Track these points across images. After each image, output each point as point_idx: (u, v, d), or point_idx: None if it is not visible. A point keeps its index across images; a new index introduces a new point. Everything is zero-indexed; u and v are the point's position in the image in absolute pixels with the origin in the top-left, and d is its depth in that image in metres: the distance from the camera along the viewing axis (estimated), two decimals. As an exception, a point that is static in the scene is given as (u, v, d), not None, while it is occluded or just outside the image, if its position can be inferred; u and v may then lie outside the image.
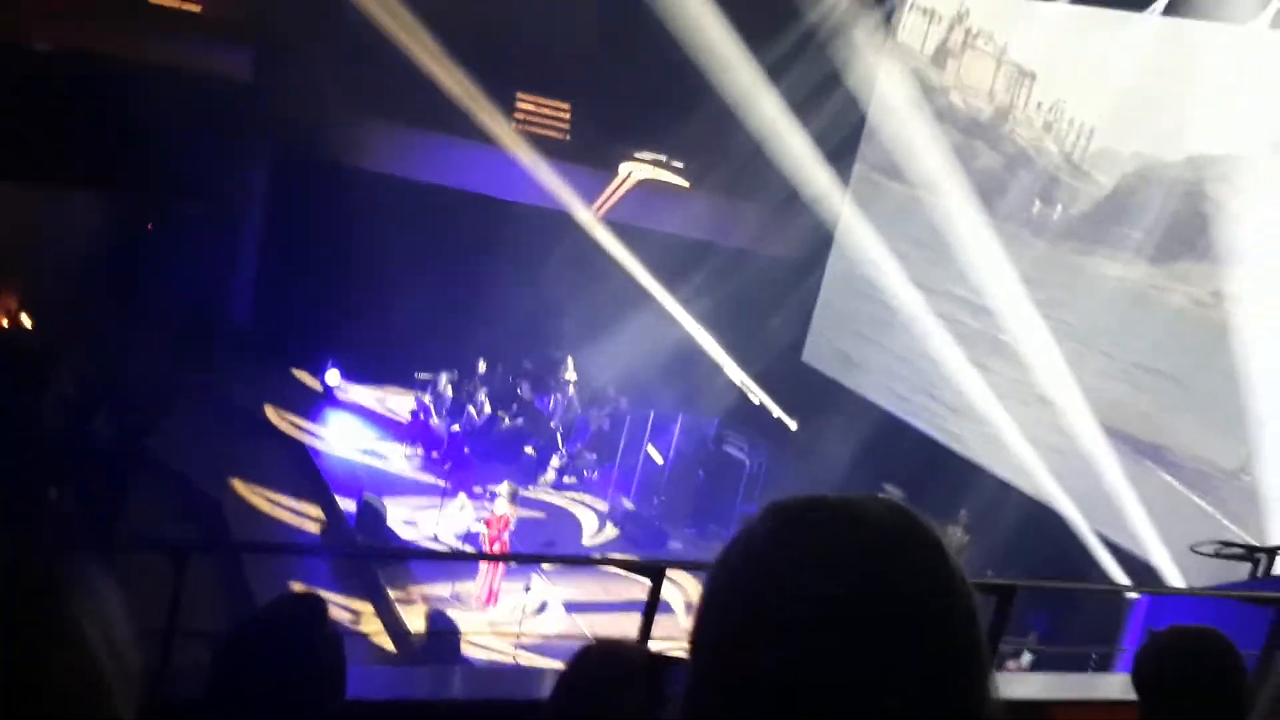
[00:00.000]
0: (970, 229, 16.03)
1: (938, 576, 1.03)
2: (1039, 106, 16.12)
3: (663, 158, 19.14)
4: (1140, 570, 13.39)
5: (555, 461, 17.30)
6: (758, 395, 18.76)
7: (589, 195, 18.86)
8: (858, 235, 17.95)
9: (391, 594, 12.89)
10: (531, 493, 16.41)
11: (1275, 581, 8.46)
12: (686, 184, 19.21)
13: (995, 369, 15.98)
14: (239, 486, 14.79)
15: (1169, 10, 14.40)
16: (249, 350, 17.63)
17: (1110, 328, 14.62)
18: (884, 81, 17.90)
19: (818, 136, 17.55)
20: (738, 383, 18.86)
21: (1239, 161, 13.11)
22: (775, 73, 17.17)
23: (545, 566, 13.65)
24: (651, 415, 17.45)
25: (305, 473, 15.79)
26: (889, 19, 18.16)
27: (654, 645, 4.28)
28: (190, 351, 16.68)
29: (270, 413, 17.16)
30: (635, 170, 19.19)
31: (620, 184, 19.05)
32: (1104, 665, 10.48)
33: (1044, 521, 14.49)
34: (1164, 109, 14.10)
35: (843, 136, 18.10)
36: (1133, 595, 10.84)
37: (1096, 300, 14.80)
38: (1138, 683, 2.72)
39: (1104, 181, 15.06)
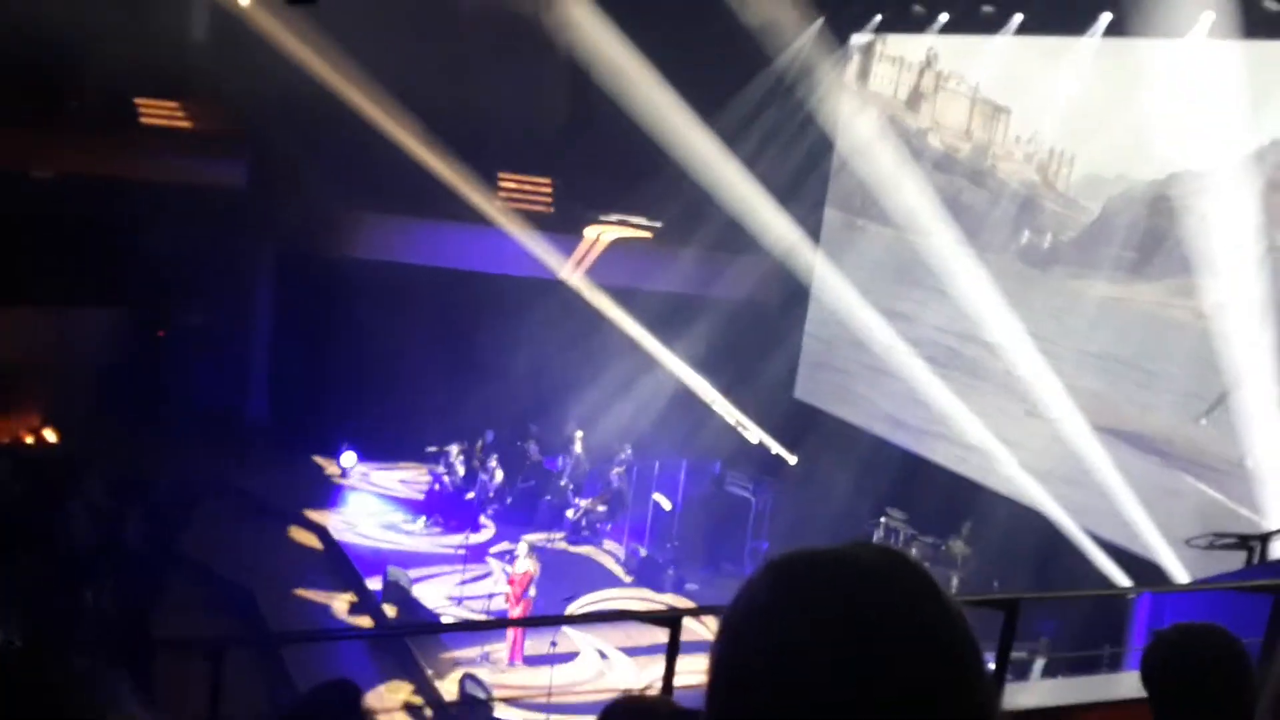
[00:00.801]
0: (953, 261, 16.45)
1: (928, 611, 1.06)
2: (1017, 140, 16.48)
3: (629, 218, 19.73)
4: (1140, 565, 13.82)
5: (570, 514, 17.87)
6: (756, 434, 19.27)
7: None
8: (837, 274, 18.54)
9: (423, 663, 13.40)
10: (550, 547, 16.99)
11: (1271, 567, 8.85)
12: (649, 234, 19.75)
13: (985, 389, 16.46)
14: (271, 577, 15.34)
15: (1109, 31, 14.96)
16: (267, 441, 18.24)
17: (1104, 343, 15.03)
18: (852, 127, 18.48)
19: (791, 185, 18.25)
20: (735, 424, 19.37)
21: (1210, 175, 13.39)
22: (745, 129, 17.90)
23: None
24: (657, 464, 17.99)
25: (331, 555, 16.36)
26: (847, 65, 18.79)
27: (688, 687, 4.74)
28: (212, 449, 17.33)
29: (292, 500, 17.74)
30: (603, 232, 19.78)
31: (591, 246, 19.63)
32: (1115, 663, 10.87)
33: (1044, 529, 14.93)
34: (1133, 129, 14.44)
35: (817, 183, 18.82)
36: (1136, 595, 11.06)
37: (1090, 319, 15.19)
38: (1147, 683, 2.78)
39: (1091, 206, 15.40)
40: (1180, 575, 13.13)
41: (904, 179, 17.19)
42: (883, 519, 16.60)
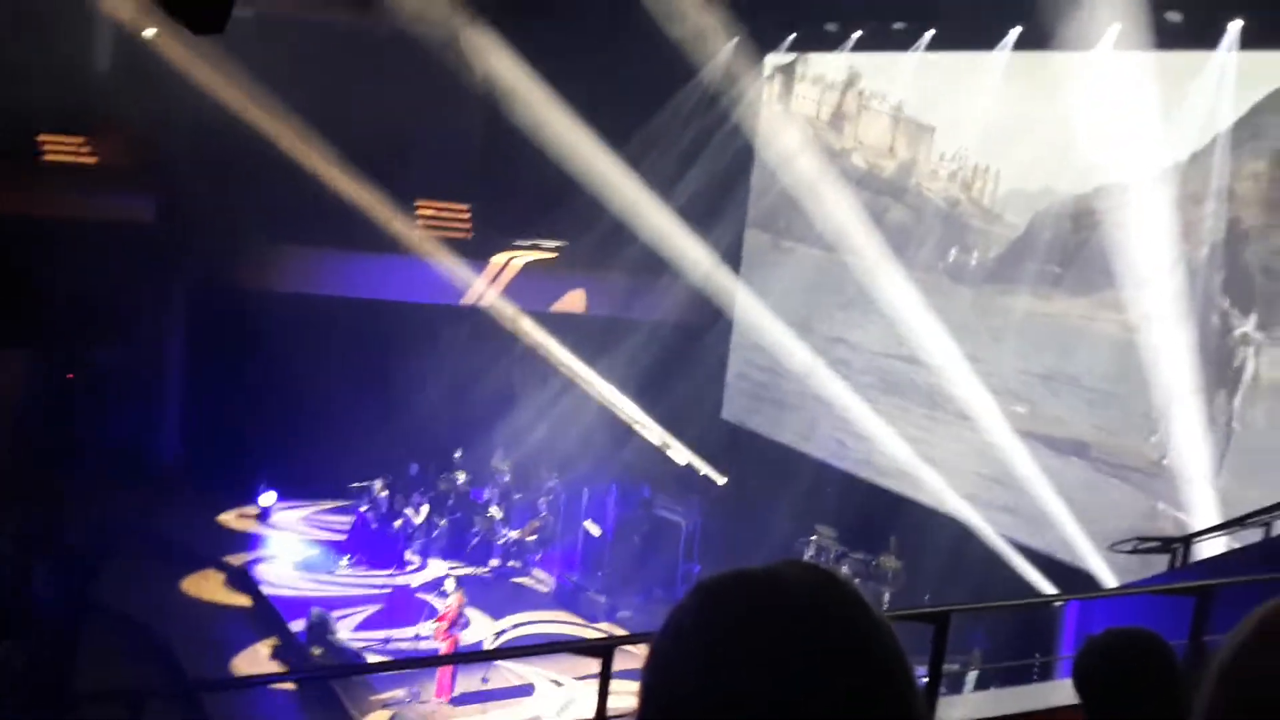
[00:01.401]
0: (880, 280, 16.47)
1: (857, 627, 1.05)
2: (941, 158, 16.57)
3: (542, 241, 19.64)
4: (1070, 574, 13.92)
5: (499, 545, 17.64)
6: (684, 456, 19.18)
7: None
8: (762, 294, 18.59)
9: (350, 707, 13.06)
10: (479, 578, 16.79)
11: (1194, 570, 8.92)
12: (554, 254, 19.64)
13: (913, 405, 16.53)
14: (187, 620, 14.90)
15: (1020, 45, 15.13)
16: (183, 483, 17.75)
17: (1032, 356, 15.14)
18: (773, 148, 18.54)
19: (712, 207, 18.29)
20: (663, 447, 19.27)
21: (1129, 187, 13.56)
22: (665, 151, 17.93)
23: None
24: (586, 491, 17.82)
25: (252, 598, 15.91)
26: (766, 85, 18.88)
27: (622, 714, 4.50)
28: (126, 493, 16.80)
29: (212, 542, 17.30)
30: (513, 256, 19.64)
31: (501, 270, 19.45)
32: (1046, 672, 10.90)
33: (974, 542, 15.03)
34: (1052, 143, 14.57)
35: (739, 204, 18.87)
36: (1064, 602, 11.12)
37: (1018, 334, 15.33)
38: (1079, 688, 2.83)
39: (1016, 221, 15.49)
40: (1109, 581, 13.25)
41: (828, 199, 17.24)
42: (813, 537, 16.58)
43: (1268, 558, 8.08)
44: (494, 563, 17.53)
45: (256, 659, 14.34)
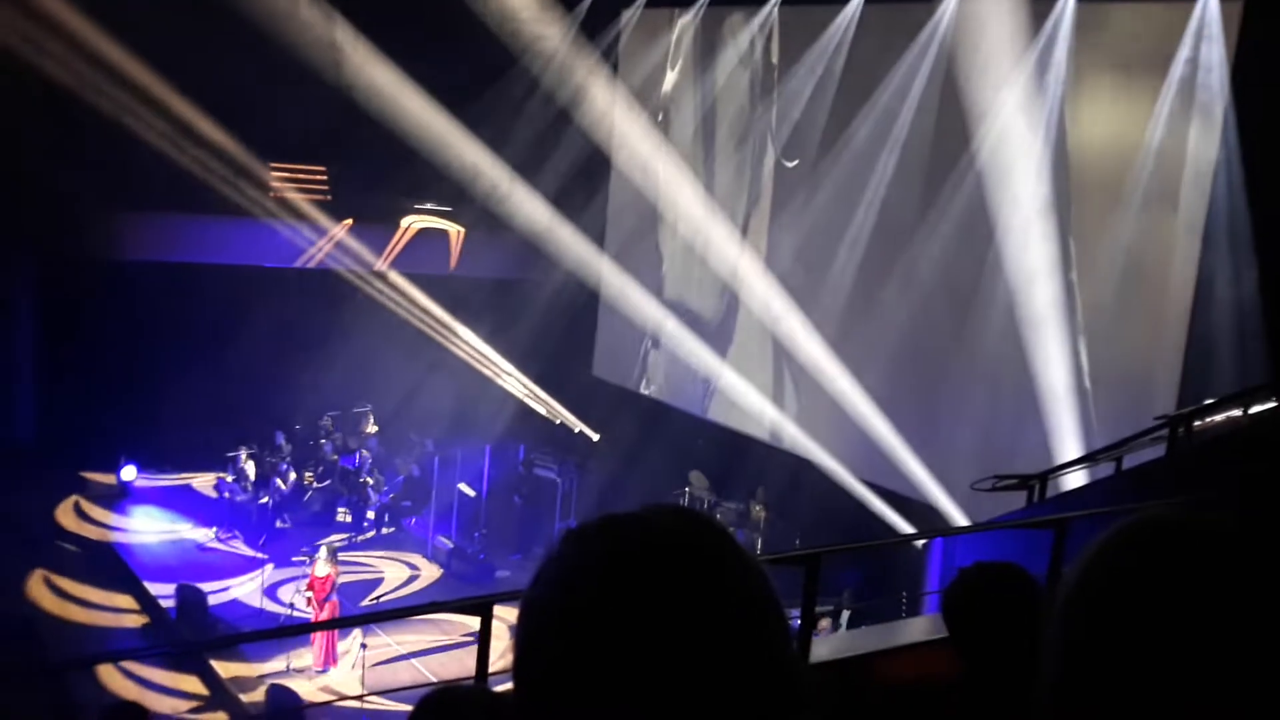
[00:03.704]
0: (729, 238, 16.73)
1: (725, 566, 1.05)
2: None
3: (429, 205, 19.38)
4: (929, 514, 14.35)
5: (371, 513, 17.44)
6: (558, 414, 19.20)
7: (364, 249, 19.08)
8: (626, 252, 18.66)
9: (226, 680, 12.82)
10: (354, 543, 16.69)
11: (1049, 505, 9.24)
12: (460, 228, 19.44)
13: (769, 359, 16.82)
14: (50, 602, 14.41)
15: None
16: (37, 463, 17.06)
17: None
18: (619, 111, 18.54)
19: (572, 169, 18.22)
20: (537, 405, 19.26)
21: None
22: (518, 114, 17.81)
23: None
24: (459, 453, 17.71)
25: (117, 575, 15.44)
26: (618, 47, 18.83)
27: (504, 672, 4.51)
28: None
29: (71, 520, 16.74)
30: (414, 221, 19.37)
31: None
32: (914, 609, 11.23)
33: (842, 488, 15.40)
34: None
35: (601, 166, 18.84)
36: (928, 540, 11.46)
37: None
38: (948, 619, 2.94)
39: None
40: (958, 518, 13.69)
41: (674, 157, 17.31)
42: (686, 488, 16.79)
43: (1120, 489, 8.41)
44: (367, 529, 17.33)
45: (125, 630, 13.97)
